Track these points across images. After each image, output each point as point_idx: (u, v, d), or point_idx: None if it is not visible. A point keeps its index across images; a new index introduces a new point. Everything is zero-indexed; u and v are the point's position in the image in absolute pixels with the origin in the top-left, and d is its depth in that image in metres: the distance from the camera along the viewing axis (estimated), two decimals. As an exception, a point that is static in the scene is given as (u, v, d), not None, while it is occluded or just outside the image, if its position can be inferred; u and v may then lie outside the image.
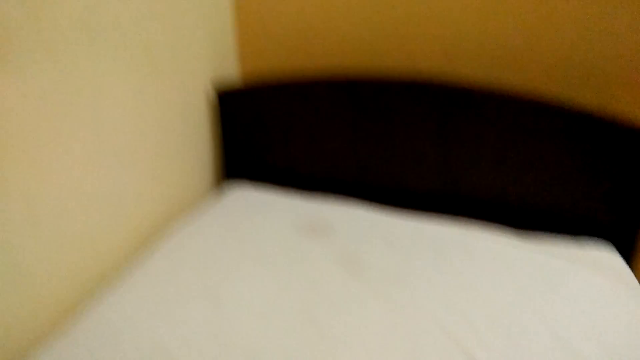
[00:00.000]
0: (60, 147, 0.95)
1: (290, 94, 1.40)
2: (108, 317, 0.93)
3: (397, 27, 1.39)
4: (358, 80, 1.33)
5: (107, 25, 1.03)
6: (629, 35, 1.21)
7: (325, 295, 1.00)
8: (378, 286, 1.03)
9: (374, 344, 0.88)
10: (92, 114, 1.01)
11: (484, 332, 0.91)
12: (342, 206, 1.36)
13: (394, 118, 1.32)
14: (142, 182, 1.20)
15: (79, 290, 1.03)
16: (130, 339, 0.88)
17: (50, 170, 0.93)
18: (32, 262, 0.91)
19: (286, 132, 1.45)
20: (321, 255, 1.13)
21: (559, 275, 1.08)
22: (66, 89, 0.94)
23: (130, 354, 0.85)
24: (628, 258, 1.23)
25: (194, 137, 1.41)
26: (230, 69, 1.55)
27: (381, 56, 1.43)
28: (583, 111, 1.16)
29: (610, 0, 1.19)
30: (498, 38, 1.31)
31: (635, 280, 1.08)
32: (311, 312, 0.95)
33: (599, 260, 1.14)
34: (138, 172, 1.18)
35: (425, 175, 1.35)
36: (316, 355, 0.85)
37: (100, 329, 0.90)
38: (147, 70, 1.17)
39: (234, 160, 1.54)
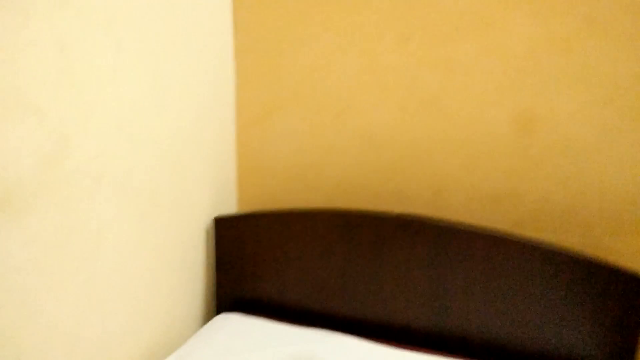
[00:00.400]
0: (54, 285, 0.95)
1: (284, 224, 1.45)
2: None
3: (389, 170, 1.50)
4: (351, 213, 1.39)
5: (114, 171, 1.10)
6: (609, 181, 1.27)
7: None
8: None
9: None
10: (91, 252, 1.05)
11: None
12: (331, 337, 1.35)
13: (386, 253, 1.36)
14: (133, 317, 1.21)
15: None
16: None
17: (41, 313, 0.95)
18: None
19: (279, 263, 1.48)
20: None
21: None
22: (68, 231, 0.98)
23: None
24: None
25: (189, 268, 1.45)
26: (229, 203, 1.63)
27: (374, 197, 1.53)
28: (567, 252, 1.20)
29: (587, 141, 1.26)
30: (482, 181, 1.40)
31: None
32: None
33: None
34: (130, 308, 1.20)
35: (416, 311, 1.37)
36: None
37: None
38: (149, 207, 1.23)
39: (226, 290, 1.55)
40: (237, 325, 1.40)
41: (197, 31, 1.37)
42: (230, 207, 1.63)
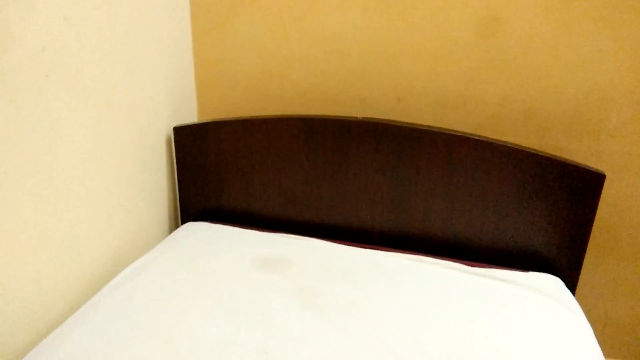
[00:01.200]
0: (10, 184, 0.91)
1: (246, 132, 1.43)
2: (60, 357, 0.90)
3: (352, 77, 1.47)
4: (314, 119, 1.37)
5: (65, 64, 1.02)
6: (568, 83, 1.29)
7: (281, 328, 1.00)
8: (333, 316, 1.04)
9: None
10: (46, 150, 1.00)
11: (432, 355, 0.93)
12: (298, 240, 1.38)
13: (350, 157, 1.37)
14: (96, 222, 1.18)
15: (30, 333, 1.00)
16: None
17: (1, 213, 0.89)
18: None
19: (242, 171, 1.47)
20: (277, 288, 1.14)
21: (505, 299, 1.12)
22: (20, 125, 0.93)
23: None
24: (572, 290, 1.30)
25: (151, 177, 1.41)
26: (189, 112, 1.57)
27: (337, 104, 1.51)
28: (524, 149, 1.25)
29: (547, 43, 1.27)
30: (445, 86, 1.41)
31: (578, 305, 1.13)
32: (266, 345, 0.95)
33: (544, 286, 1.19)
34: (93, 212, 1.17)
35: (380, 213, 1.40)
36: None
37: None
38: (105, 108, 1.17)
39: (189, 200, 1.54)
40: (203, 232, 1.40)
41: None
42: (190, 116, 1.58)
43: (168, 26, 1.40)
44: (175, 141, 1.46)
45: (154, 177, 1.41)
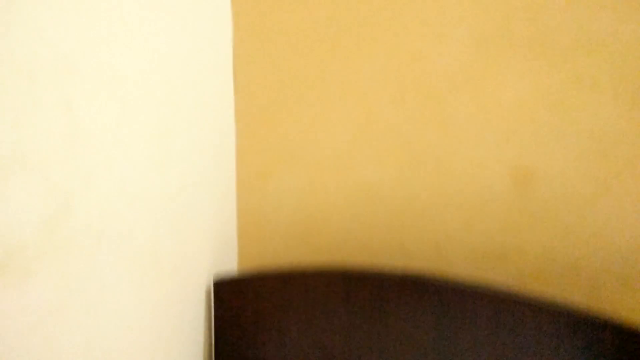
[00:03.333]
0: (53, 357, 0.91)
1: (284, 286, 1.42)
2: None
3: (389, 225, 1.50)
4: (352, 272, 1.36)
5: (115, 230, 1.08)
6: (612, 234, 1.27)
7: None
8: None
9: None
10: (90, 319, 1.02)
11: None
12: None
13: (389, 312, 1.33)
14: None
15: None
16: None
17: None
18: None
19: (279, 324, 1.44)
20: None
21: None
22: (67, 294, 0.96)
23: None
24: None
25: (188, 331, 1.40)
26: (229, 260, 1.60)
27: (375, 252, 1.52)
28: (574, 312, 1.18)
29: (589, 199, 1.28)
30: (483, 236, 1.41)
31: None
32: None
33: None
34: None
35: None
36: None
37: None
38: (150, 268, 1.20)
39: (226, 353, 1.49)
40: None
41: (200, 93, 1.39)
42: (231, 264, 1.60)
43: (215, 182, 1.48)
44: (215, 296, 1.46)
45: (191, 328, 1.40)
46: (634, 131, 1.27)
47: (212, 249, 1.49)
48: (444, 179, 1.42)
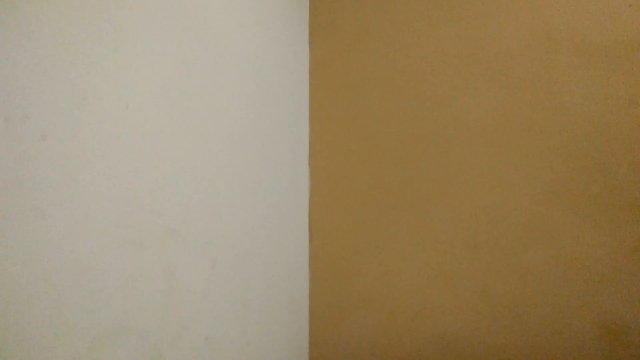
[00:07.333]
0: None
1: None
2: None
3: None
4: None
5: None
6: None
7: None
8: None
9: None
10: None
11: None
12: None
13: None
14: None
15: None
16: None
17: None
18: None
19: None
20: None
21: None
22: None
23: None
24: None
25: None
26: None
27: None
28: None
29: None
30: None
31: None
32: None
33: None
34: None
35: None
36: None
37: None
38: None
39: None
40: None
41: (276, 243, 1.50)
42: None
43: (287, 327, 1.52)
44: None
45: None
46: None
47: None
48: (525, 332, 1.37)
